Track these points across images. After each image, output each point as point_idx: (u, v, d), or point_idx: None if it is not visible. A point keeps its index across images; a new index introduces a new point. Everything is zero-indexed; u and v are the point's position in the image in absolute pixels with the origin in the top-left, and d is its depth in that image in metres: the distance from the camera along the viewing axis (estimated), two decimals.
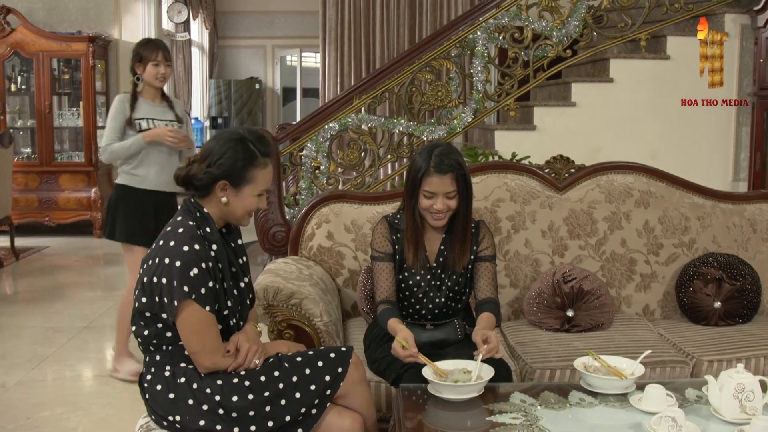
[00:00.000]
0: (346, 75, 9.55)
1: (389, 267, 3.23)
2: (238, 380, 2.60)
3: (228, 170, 2.63)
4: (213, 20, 14.26)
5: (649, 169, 4.08)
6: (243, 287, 2.78)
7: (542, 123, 6.42)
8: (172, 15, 12.39)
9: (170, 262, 2.51)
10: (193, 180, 2.65)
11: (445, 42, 6.17)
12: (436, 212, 3.11)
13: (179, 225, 2.61)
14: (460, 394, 2.67)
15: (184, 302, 2.50)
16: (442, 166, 3.08)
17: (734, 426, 2.44)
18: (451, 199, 3.11)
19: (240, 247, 2.82)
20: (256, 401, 2.59)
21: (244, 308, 2.78)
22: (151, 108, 4.63)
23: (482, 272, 3.26)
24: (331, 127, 6.03)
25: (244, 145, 2.65)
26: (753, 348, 3.47)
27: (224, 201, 2.66)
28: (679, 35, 6.54)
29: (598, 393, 2.71)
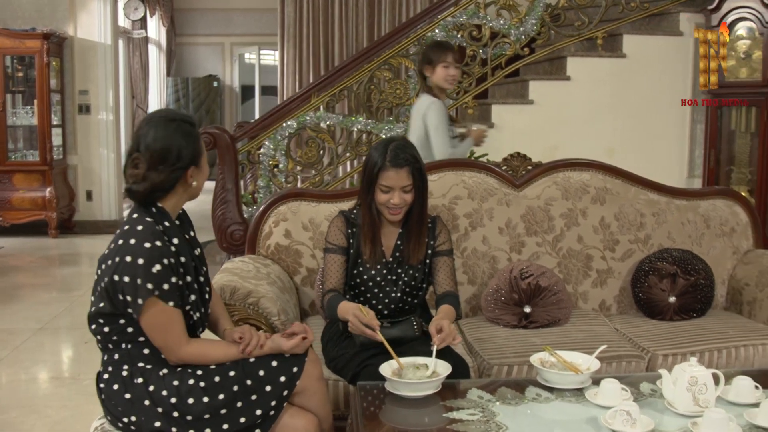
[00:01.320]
0: (305, 73, 9.53)
1: (341, 260, 3.23)
2: (194, 382, 2.57)
3: (192, 156, 2.61)
4: (170, 17, 14.14)
5: (605, 166, 4.12)
6: (202, 280, 2.76)
7: (500, 120, 6.45)
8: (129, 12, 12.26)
9: (132, 260, 2.48)
10: (162, 185, 2.59)
11: (404, 40, 6.18)
12: (393, 206, 3.11)
13: (137, 222, 2.57)
14: (418, 391, 2.67)
15: (149, 300, 2.48)
16: (398, 160, 3.08)
17: (687, 419, 2.46)
18: (407, 193, 3.12)
19: (194, 238, 2.79)
20: (211, 404, 2.56)
21: (205, 302, 2.76)
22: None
23: (440, 267, 3.26)
24: (290, 125, 6.01)
25: (182, 127, 2.61)
26: (706, 342, 3.52)
27: (195, 184, 2.66)
28: (636, 34, 6.61)
29: (554, 388, 2.73)
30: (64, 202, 9.25)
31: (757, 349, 3.50)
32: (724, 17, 6.00)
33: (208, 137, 5.22)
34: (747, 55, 5.97)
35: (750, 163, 6.14)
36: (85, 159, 9.51)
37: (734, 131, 6.25)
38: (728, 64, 6.06)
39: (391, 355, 2.81)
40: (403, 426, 2.65)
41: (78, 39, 9.33)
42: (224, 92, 15.24)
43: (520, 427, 2.45)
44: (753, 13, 5.88)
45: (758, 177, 6.01)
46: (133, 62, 12.45)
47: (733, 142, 6.28)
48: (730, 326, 3.70)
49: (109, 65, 9.43)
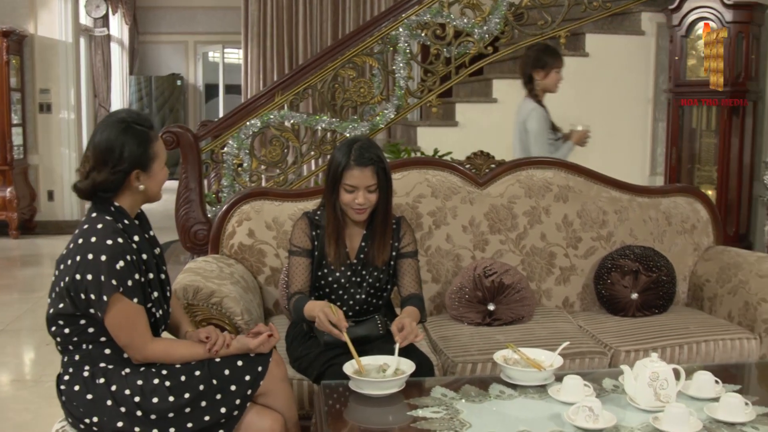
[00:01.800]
0: (269, 71, 9.48)
1: (305, 262, 3.21)
2: (159, 381, 2.56)
3: (136, 159, 2.57)
4: (133, 15, 14.01)
5: (567, 164, 4.15)
6: (163, 279, 2.74)
7: (464, 119, 6.47)
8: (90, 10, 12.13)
9: (95, 257, 2.46)
10: (104, 185, 2.57)
11: (368, 38, 6.17)
12: (358, 206, 3.10)
13: (96, 221, 2.55)
14: (382, 389, 2.67)
15: (114, 296, 2.47)
16: (363, 159, 3.07)
17: (649, 414, 2.49)
18: (371, 193, 3.11)
19: (153, 238, 2.77)
20: (176, 403, 2.55)
21: (167, 300, 2.75)
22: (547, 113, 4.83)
23: (405, 269, 3.26)
24: (253, 123, 5.97)
25: (133, 130, 2.58)
26: (668, 337, 3.56)
27: (141, 188, 2.62)
28: (598, 33, 6.67)
29: (517, 385, 2.74)
30: (24, 203, 9.13)
31: (718, 344, 3.55)
32: (685, 17, 6.07)
33: (171, 136, 5.18)
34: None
35: (712, 161, 6.21)
36: (47, 158, 9.40)
37: (696, 129, 6.32)
38: (689, 63, 6.13)
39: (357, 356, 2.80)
40: (367, 424, 2.65)
41: (38, 37, 9.21)
42: (188, 91, 15.14)
43: (483, 424, 2.45)
44: (713, 12, 5.94)
45: (719, 174, 6.08)
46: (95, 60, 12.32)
47: (694, 140, 6.35)
48: (691, 322, 3.74)
49: (70, 63, 9.33)
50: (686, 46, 6.12)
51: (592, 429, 2.38)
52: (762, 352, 3.61)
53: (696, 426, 2.39)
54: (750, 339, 3.60)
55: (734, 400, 2.49)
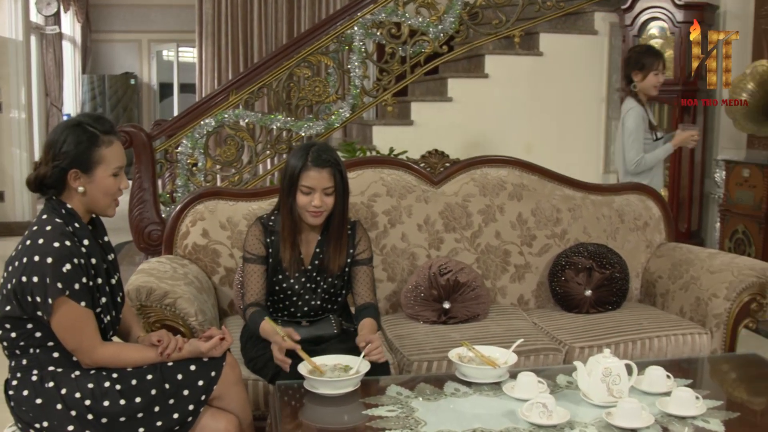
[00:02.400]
0: (224, 70, 9.43)
1: (260, 270, 3.18)
2: (110, 384, 2.53)
3: (74, 157, 2.53)
4: (85, 13, 13.82)
5: (521, 162, 4.17)
6: (114, 284, 2.71)
7: (420, 118, 6.48)
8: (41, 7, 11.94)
9: (41, 259, 2.42)
10: (45, 180, 2.55)
11: (323, 37, 6.15)
12: (314, 208, 3.06)
13: (46, 223, 2.51)
14: (337, 389, 2.66)
15: (59, 299, 2.43)
16: (320, 160, 3.05)
17: (602, 409, 2.51)
18: (328, 196, 3.07)
19: (107, 243, 2.74)
20: (127, 407, 2.52)
21: (117, 306, 2.71)
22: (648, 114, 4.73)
23: (360, 277, 3.23)
24: (208, 123, 5.93)
25: (81, 128, 2.55)
26: (621, 333, 3.59)
27: (81, 190, 2.57)
28: (552, 32, 6.71)
29: (472, 383, 2.75)
30: None
31: (670, 339, 3.59)
32: (637, 17, 6.14)
33: (124, 136, 5.13)
34: None
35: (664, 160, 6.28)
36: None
37: None
38: None
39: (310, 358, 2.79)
40: (323, 424, 2.64)
41: None
42: (142, 90, 14.97)
43: (438, 422, 2.46)
44: (664, 12, 6.02)
45: (671, 173, 6.16)
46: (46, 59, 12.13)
47: None
48: (644, 318, 3.79)
49: (20, 62, 9.16)
50: None
51: (545, 425, 2.40)
52: (713, 347, 3.67)
53: (648, 420, 2.42)
54: (701, 334, 3.65)
55: (685, 395, 2.53)
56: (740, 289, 3.68)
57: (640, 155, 4.63)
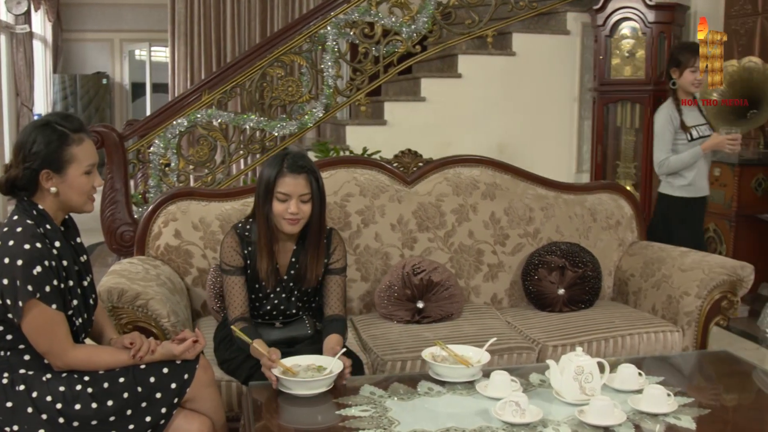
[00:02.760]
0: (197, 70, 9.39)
1: (240, 281, 3.11)
2: (81, 387, 2.51)
3: (45, 157, 2.50)
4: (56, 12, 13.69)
5: (494, 161, 4.18)
6: (86, 286, 2.68)
7: (393, 118, 6.48)
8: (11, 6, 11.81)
9: (11, 261, 2.40)
10: (16, 182, 2.53)
11: (296, 37, 6.14)
12: (290, 215, 3.01)
13: (17, 224, 2.49)
14: (310, 389, 2.66)
15: (30, 302, 2.41)
16: (296, 167, 3.02)
17: (575, 407, 2.53)
18: (305, 203, 3.04)
19: (80, 245, 2.71)
20: (99, 410, 2.51)
21: (89, 308, 2.69)
22: (691, 114, 4.56)
23: (331, 287, 3.19)
24: (180, 123, 5.90)
25: (50, 127, 2.52)
26: (594, 332, 3.62)
27: (54, 191, 2.54)
28: (525, 32, 6.73)
29: (446, 382, 2.76)
30: None
31: (642, 337, 3.62)
32: (609, 17, 6.17)
33: (95, 136, 5.08)
34: (631, 53, 6.14)
35: (635, 158, 6.33)
36: None
37: (620, 127, 6.43)
38: (614, 62, 6.24)
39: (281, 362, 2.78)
40: (296, 425, 2.64)
41: None
42: (114, 90, 14.85)
43: (412, 421, 2.46)
44: (636, 13, 6.06)
45: (642, 172, 6.20)
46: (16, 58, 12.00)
47: (619, 138, 6.46)
48: (617, 316, 3.81)
49: None
50: (610, 46, 6.22)
51: (518, 423, 2.41)
52: (684, 344, 3.70)
53: (620, 418, 2.43)
54: (673, 332, 3.68)
55: (657, 392, 2.55)
56: (711, 287, 3.71)
57: (664, 156, 4.52)
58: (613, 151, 6.48)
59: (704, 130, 4.55)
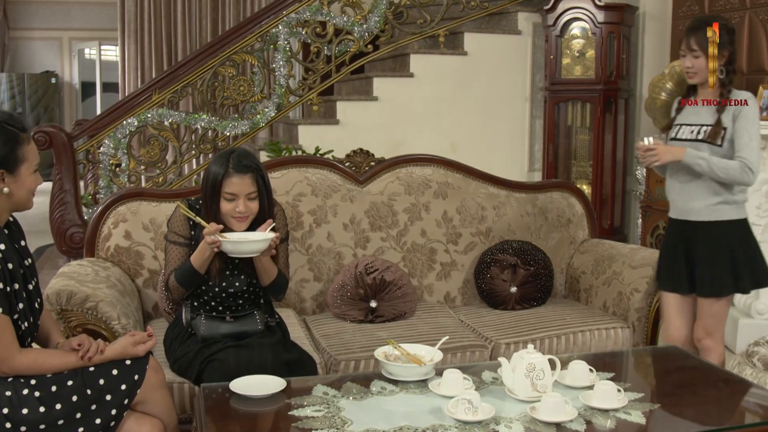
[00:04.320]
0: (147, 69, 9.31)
1: (184, 252, 3.14)
2: (29, 391, 2.47)
3: (2, 158, 2.47)
4: (3, 9, 13.47)
5: (446, 161, 4.20)
6: (32, 289, 2.64)
7: (345, 117, 6.47)
8: None
9: None
10: None
11: (248, 36, 6.11)
12: (239, 214, 3.04)
13: None
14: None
15: None
16: (241, 166, 3.04)
17: (527, 404, 2.54)
18: (252, 201, 3.06)
19: (24, 248, 2.66)
20: (47, 414, 2.47)
21: (35, 312, 2.64)
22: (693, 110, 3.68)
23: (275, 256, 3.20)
24: (130, 123, 5.84)
25: (2, 128, 2.48)
26: (546, 329, 3.65)
27: (6, 191, 2.50)
28: (476, 32, 6.76)
29: (399, 381, 2.76)
30: None
31: (594, 333, 3.66)
32: (559, 17, 6.23)
33: (43, 136, 5.02)
34: (581, 53, 6.21)
35: (587, 157, 6.40)
36: None
37: (571, 126, 6.49)
38: (564, 62, 6.30)
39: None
40: (248, 425, 2.61)
41: None
42: (63, 89, 14.63)
43: (365, 420, 2.46)
44: (586, 13, 6.12)
45: (593, 170, 6.27)
46: None
47: (570, 136, 6.53)
48: (569, 313, 3.85)
49: None
50: (561, 46, 6.28)
51: (471, 421, 2.42)
52: (635, 341, 3.75)
53: (571, 414, 2.45)
54: (624, 328, 3.72)
55: (607, 387, 2.57)
56: None
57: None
58: (564, 150, 6.55)
59: (687, 132, 3.57)
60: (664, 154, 3.43)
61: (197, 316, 3.12)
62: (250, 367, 2.86)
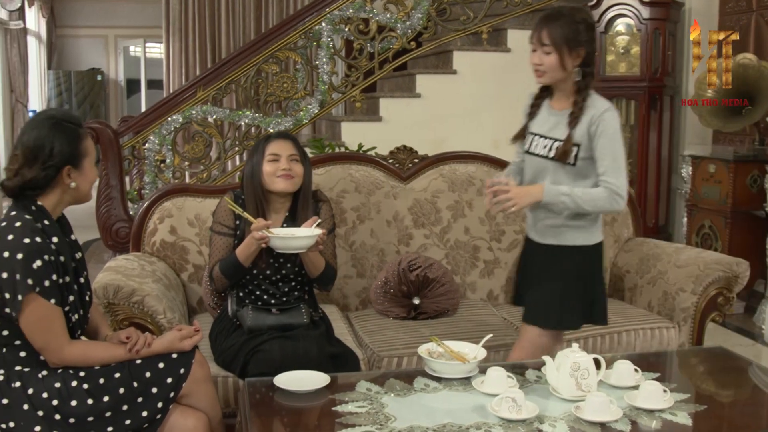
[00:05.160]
0: (191, 66, 9.36)
1: (228, 243, 3.21)
2: (77, 383, 2.51)
3: (67, 155, 2.54)
4: (50, 8, 13.67)
5: (489, 158, 4.18)
6: (82, 283, 2.69)
7: (388, 114, 6.47)
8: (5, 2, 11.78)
9: (10, 255, 2.40)
10: (33, 183, 2.53)
11: (291, 33, 6.13)
12: (283, 171, 3.14)
13: (15, 219, 2.49)
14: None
15: (29, 296, 2.41)
16: (281, 134, 3.25)
17: (571, 403, 2.52)
18: (295, 162, 3.17)
19: (74, 242, 2.71)
20: (95, 406, 2.50)
21: (84, 305, 2.69)
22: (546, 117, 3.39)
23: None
24: (175, 119, 5.89)
25: (62, 126, 2.56)
26: (590, 328, 3.60)
27: (73, 186, 2.58)
28: (520, 28, 6.72)
29: (442, 378, 2.75)
30: None
31: (638, 333, 3.62)
32: (604, 13, 6.17)
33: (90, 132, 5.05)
34: (626, 50, 6.15)
35: (631, 155, 6.33)
36: None
37: None
38: (609, 58, 6.24)
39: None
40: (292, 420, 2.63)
41: None
42: (108, 86, 14.83)
43: (408, 417, 2.46)
44: (631, 9, 6.06)
45: (638, 168, 6.21)
46: (10, 55, 11.97)
47: None
48: (612, 312, 3.78)
49: None
50: (605, 42, 6.23)
51: (515, 419, 2.41)
52: (680, 341, 3.70)
53: (616, 414, 2.43)
54: (669, 328, 3.68)
55: (653, 388, 2.54)
56: (707, 284, 3.71)
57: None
58: None
59: (540, 146, 3.19)
60: (521, 197, 2.98)
61: (243, 307, 3.16)
62: (296, 358, 2.88)
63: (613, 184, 2.97)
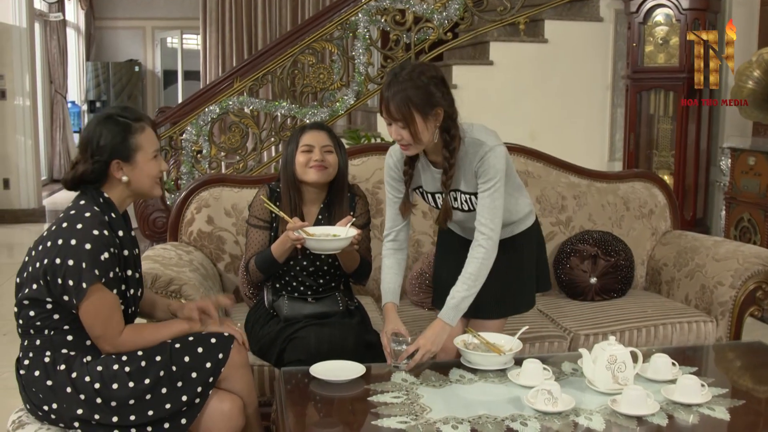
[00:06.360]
0: (228, 57, 9.42)
1: (264, 236, 3.24)
2: (119, 367, 2.54)
3: (113, 148, 2.59)
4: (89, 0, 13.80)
5: (526, 149, 4.16)
6: (138, 278, 2.74)
7: None
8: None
9: (78, 244, 2.45)
10: (86, 176, 2.60)
11: (327, 24, 6.14)
12: (316, 162, 3.15)
13: (84, 209, 2.55)
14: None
15: (95, 286, 2.46)
16: (316, 125, 3.26)
17: (607, 396, 2.51)
18: (329, 153, 3.18)
19: (134, 238, 2.76)
20: (136, 389, 2.53)
21: (136, 300, 2.75)
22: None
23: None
24: (212, 110, 5.93)
25: (113, 120, 2.61)
26: (626, 321, 3.59)
27: (125, 180, 2.62)
28: (557, 19, 6.68)
29: (478, 369, 2.76)
30: None
31: (675, 327, 3.59)
32: (642, 4, 6.11)
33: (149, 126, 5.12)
34: (665, 41, 6.08)
35: (669, 147, 6.27)
36: (2, 146, 9.22)
37: (653, 115, 6.37)
38: (647, 49, 6.18)
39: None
40: (327, 410, 2.64)
41: None
42: (146, 77, 14.95)
43: (443, 408, 2.46)
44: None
45: (676, 160, 6.14)
46: (50, 46, 12.12)
47: (652, 126, 6.40)
48: (649, 306, 3.78)
49: (24, 49, 9.15)
50: (644, 33, 6.16)
51: (551, 412, 2.40)
52: (718, 335, 3.67)
53: (653, 408, 2.42)
54: (707, 322, 3.65)
55: (690, 382, 2.52)
56: (746, 277, 3.67)
57: None
58: (646, 140, 6.43)
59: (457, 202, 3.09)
60: (433, 343, 2.84)
61: (279, 297, 3.19)
62: (331, 345, 2.90)
63: (492, 238, 2.87)
